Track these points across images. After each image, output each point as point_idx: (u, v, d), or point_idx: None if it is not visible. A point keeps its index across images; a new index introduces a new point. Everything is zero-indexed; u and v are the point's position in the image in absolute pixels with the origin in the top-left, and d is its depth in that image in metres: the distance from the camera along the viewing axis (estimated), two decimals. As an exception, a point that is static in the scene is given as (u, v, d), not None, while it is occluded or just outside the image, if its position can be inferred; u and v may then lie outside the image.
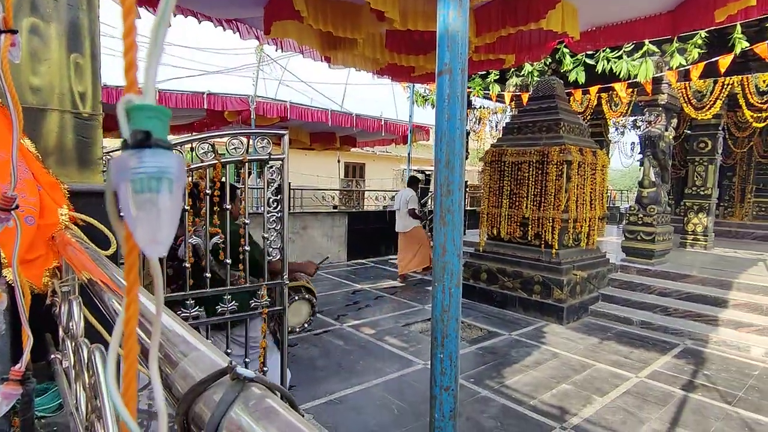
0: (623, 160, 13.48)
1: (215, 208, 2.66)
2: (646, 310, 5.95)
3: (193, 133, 8.45)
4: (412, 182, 8.03)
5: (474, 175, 20.34)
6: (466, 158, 9.88)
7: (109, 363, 0.39)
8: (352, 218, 10.03)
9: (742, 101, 6.47)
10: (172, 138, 2.78)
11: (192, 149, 2.68)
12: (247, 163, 2.81)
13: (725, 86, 6.51)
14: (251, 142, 2.88)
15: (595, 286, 6.46)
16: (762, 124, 6.95)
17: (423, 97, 8.91)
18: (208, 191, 2.56)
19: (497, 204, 6.66)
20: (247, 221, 2.75)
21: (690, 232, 8.45)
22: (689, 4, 4.39)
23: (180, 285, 2.92)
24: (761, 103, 6.27)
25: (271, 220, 2.89)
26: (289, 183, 11.14)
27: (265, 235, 2.85)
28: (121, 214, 0.30)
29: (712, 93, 6.61)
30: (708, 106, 6.67)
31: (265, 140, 2.76)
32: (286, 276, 2.91)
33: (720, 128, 8.21)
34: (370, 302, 6.56)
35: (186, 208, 2.61)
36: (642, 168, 7.22)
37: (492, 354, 4.73)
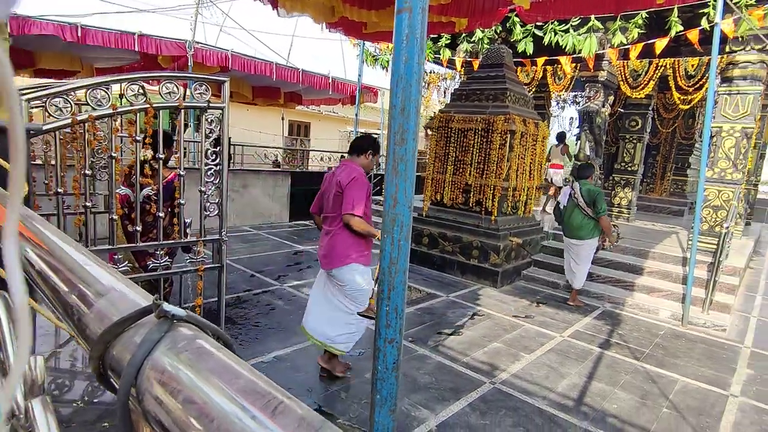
0: (561, 134, 14.05)
1: (146, 157, 2.46)
2: (573, 276, 6.37)
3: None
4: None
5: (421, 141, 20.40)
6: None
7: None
8: (296, 178, 9.79)
9: (671, 83, 6.87)
10: (96, 79, 2.50)
11: (122, 95, 2.44)
12: (183, 111, 2.61)
13: (659, 67, 6.87)
14: (188, 90, 2.66)
15: (529, 252, 6.81)
16: (687, 107, 7.45)
17: (373, 56, 8.69)
18: (137, 138, 2.36)
19: (442, 170, 6.75)
20: (182, 173, 2.58)
21: (616, 205, 9.05)
22: (635, -17, 4.51)
23: (151, 237, 2.69)
24: (688, 86, 6.70)
25: (209, 173, 2.73)
26: (230, 138, 10.56)
27: (203, 189, 2.70)
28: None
29: (646, 73, 6.96)
30: (642, 85, 7.03)
31: (204, 86, 2.57)
32: (225, 231, 2.79)
33: (650, 108, 8.73)
34: (312, 264, 6.52)
35: (113, 155, 2.39)
36: (578, 142, 7.55)
37: (430, 315, 4.89)
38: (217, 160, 2.70)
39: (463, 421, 2.98)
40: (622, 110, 9.49)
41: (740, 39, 5.84)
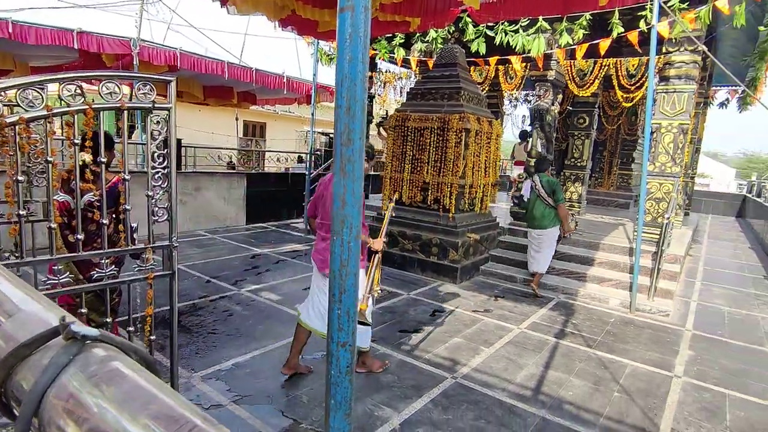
0: (515, 132, 14.45)
1: (86, 161, 2.32)
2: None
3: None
4: None
5: (374, 140, 20.44)
6: (369, 123, 9.86)
7: None
8: (252, 180, 9.58)
9: (615, 82, 7.20)
10: (28, 78, 2.34)
11: (60, 98, 2.28)
12: (126, 112, 2.49)
13: (603, 67, 7.18)
14: (133, 89, 2.53)
15: (486, 247, 6.96)
16: (630, 104, 7.83)
17: (328, 55, 8.61)
18: (76, 141, 2.22)
19: (400, 169, 6.78)
20: (126, 177, 2.45)
21: (567, 200, 9.40)
22: (578, -14, 4.69)
23: (95, 247, 2.53)
24: (630, 85, 7.04)
25: (156, 176, 2.60)
26: (180, 139, 10.15)
27: (150, 194, 2.57)
28: None
29: (592, 73, 7.26)
30: (588, 84, 7.33)
31: (148, 86, 2.45)
32: (175, 237, 2.68)
33: (596, 106, 9.13)
34: (271, 267, 6.39)
35: (50, 159, 2.24)
36: (530, 139, 7.79)
37: (391, 313, 4.90)
38: (165, 163, 2.58)
39: (426, 418, 3.00)
40: (570, 108, 9.87)
41: (674, 40, 6.19)
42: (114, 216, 2.73)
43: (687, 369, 4.03)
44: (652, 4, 5.23)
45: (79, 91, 2.19)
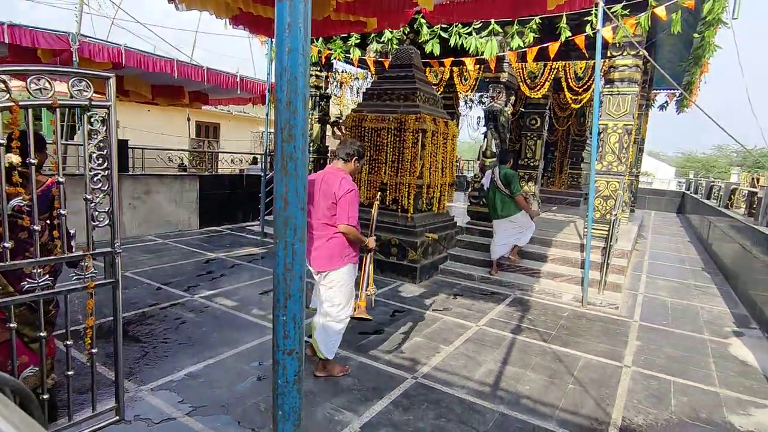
0: (470, 133, 14.75)
1: (13, 162, 2.14)
2: (486, 267, 6.69)
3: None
4: None
5: (329, 140, 20.29)
6: (327, 123, 9.76)
7: None
8: (205, 182, 9.26)
9: (564, 85, 7.47)
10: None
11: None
12: (59, 110, 2.32)
13: (552, 70, 7.43)
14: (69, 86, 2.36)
15: (445, 246, 7.03)
16: (578, 106, 8.15)
17: (283, 55, 8.43)
18: (1, 141, 2.04)
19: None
20: (61, 179, 2.28)
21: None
22: (528, -10, 4.82)
23: (28, 256, 2.32)
24: (578, 87, 7.33)
25: (95, 179, 2.44)
26: (126, 140, 9.71)
27: (89, 197, 2.41)
28: None
29: (542, 75, 7.50)
30: (539, 86, 7.57)
31: (84, 82, 2.29)
32: (118, 243, 2.52)
33: (547, 108, 9.44)
34: (225, 271, 6.19)
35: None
36: (485, 140, 7.94)
37: (351, 315, 4.84)
38: (105, 164, 2.43)
39: (386, 420, 2.98)
40: (523, 110, 10.17)
41: (618, 45, 6.49)
42: (48, 222, 2.54)
43: (635, 359, 4.21)
44: (597, 10, 5.45)
45: (3, 86, 2.01)
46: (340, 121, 9.14)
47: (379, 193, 6.41)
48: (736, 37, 7.00)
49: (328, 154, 9.76)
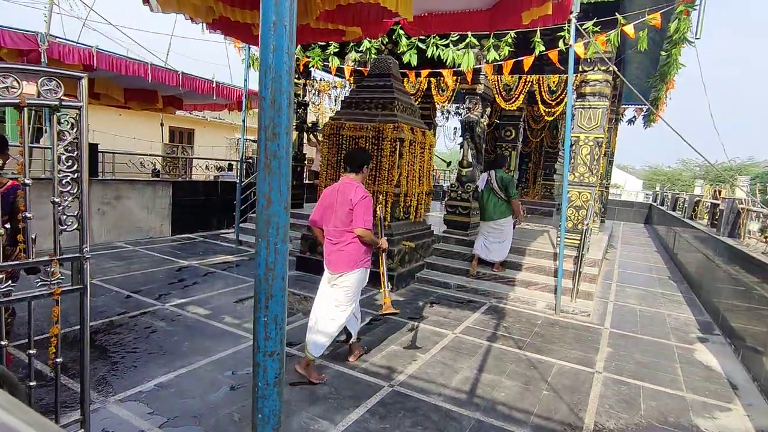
0: (447, 143, 14.91)
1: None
2: (462, 275, 6.75)
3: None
4: None
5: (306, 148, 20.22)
6: (304, 130, 9.73)
7: None
8: (178, 188, 9.07)
9: (538, 97, 7.66)
10: None
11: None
12: (27, 110, 2.24)
13: (527, 83, 7.61)
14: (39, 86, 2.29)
15: (422, 255, 7.07)
16: (551, 118, 8.36)
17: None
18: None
19: (335, 177, 6.71)
20: (27, 181, 2.20)
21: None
22: (503, 4, 4.94)
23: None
24: (551, 100, 7.53)
25: (64, 182, 2.36)
26: (96, 144, 9.47)
27: (56, 200, 2.33)
28: None
29: (517, 88, 7.68)
30: (514, 98, 7.74)
31: (54, 82, 2.22)
32: (87, 248, 2.44)
33: (521, 120, 9.67)
34: (198, 279, 6.06)
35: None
36: (462, 150, 8.06)
37: (327, 323, 4.80)
38: (75, 167, 2.35)
39: (362, 428, 2.95)
40: (498, 121, 10.37)
41: (589, 60, 6.72)
42: (9, 225, 2.44)
43: (606, 365, 4.30)
44: (569, 26, 5.63)
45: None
46: (318, 128, 9.12)
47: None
48: (699, 56, 7.35)
49: (305, 162, 9.70)
